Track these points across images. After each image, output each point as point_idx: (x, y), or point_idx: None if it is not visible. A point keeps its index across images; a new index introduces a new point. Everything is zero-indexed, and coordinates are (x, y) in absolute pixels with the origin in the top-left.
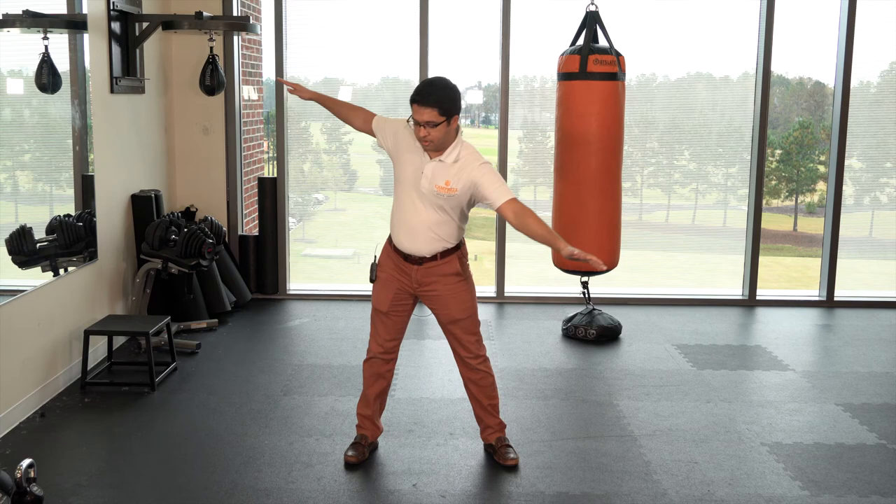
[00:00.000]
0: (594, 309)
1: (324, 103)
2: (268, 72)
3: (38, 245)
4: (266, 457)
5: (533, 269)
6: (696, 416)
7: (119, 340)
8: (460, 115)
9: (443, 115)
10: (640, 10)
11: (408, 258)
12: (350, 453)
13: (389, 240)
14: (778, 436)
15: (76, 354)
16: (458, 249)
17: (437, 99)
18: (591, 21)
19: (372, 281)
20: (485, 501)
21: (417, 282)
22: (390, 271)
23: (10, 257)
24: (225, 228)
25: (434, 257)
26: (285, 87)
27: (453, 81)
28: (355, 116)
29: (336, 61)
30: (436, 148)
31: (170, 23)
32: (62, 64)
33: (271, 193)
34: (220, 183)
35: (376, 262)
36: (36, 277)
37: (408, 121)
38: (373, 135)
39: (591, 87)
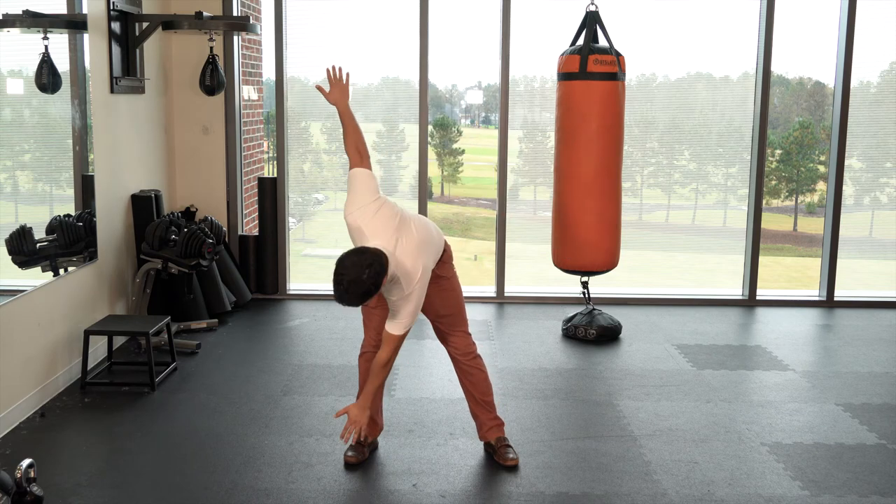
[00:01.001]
0: (594, 309)
1: (345, 122)
2: (268, 72)
3: (38, 245)
4: (266, 457)
5: (533, 269)
6: (696, 416)
7: (119, 340)
8: (386, 264)
9: (369, 299)
10: (640, 10)
11: None
12: (350, 453)
13: None
14: (778, 436)
15: (76, 354)
16: (440, 259)
17: (360, 301)
18: (591, 21)
19: None
20: (485, 501)
21: None
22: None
23: (10, 257)
24: (225, 228)
25: None
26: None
27: (362, 252)
28: (350, 138)
29: (336, 61)
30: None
31: (170, 23)
32: (62, 64)
33: (271, 193)
34: (220, 183)
35: None
36: (36, 277)
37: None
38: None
39: (591, 87)
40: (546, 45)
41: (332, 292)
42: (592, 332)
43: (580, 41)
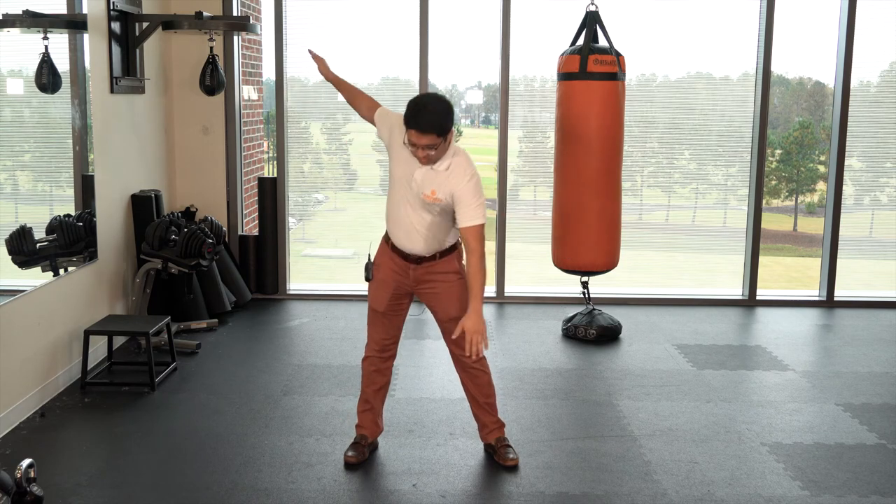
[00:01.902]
0: (594, 309)
1: (338, 86)
2: (268, 72)
3: (38, 245)
4: (266, 457)
5: (533, 269)
6: (696, 416)
7: (119, 340)
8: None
9: (441, 135)
10: (640, 10)
11: (406, 257)
12: (350, 453)
13: (386, 238)
14: (778, 436)
15: (76, 354)
16: (456, 249)
17: (434, 124)
18: (591, 21)
19: (368, 280)
20: (485, 501)
21: (416, 280)
22: (388, 271)
23: (10, 257)
24: (225, 228)
25: (433, 257)
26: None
27: (439, 94)
28: (361, 103)
29: (336, 61)
30: (434, 161)
31: (170, 23)
32: (62, 64)
33: (271, 193)
34: (220, 183)
35: (371, 261)
36: (36, 277)
37: (403, 142)
38: (372, 123)
39: (591, 87)
40: (546, 45)
41: (332, 292)
42: (592, 332)
43: (580, 41)
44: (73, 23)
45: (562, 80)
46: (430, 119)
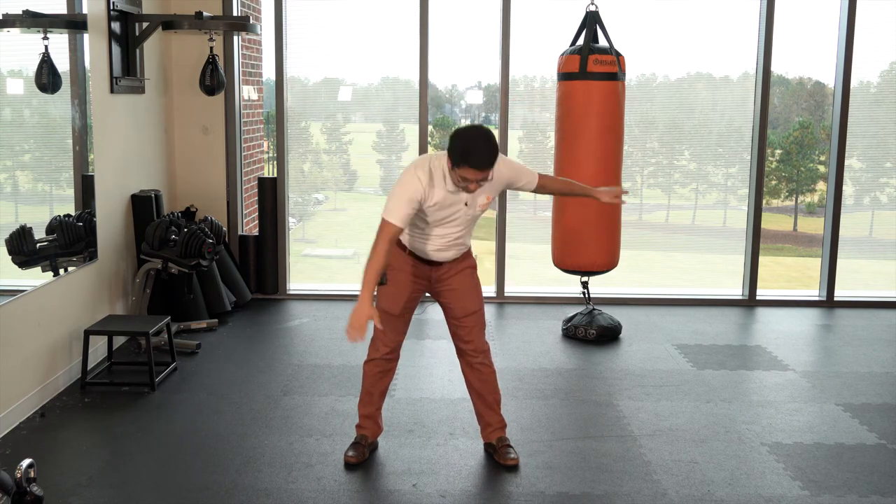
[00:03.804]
0: (594, 309)
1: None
2: (268, 72)
3: (38, 245)
4: (266, 457)
5: (533, 269)
6: (696, 416)
7: (119, 340)
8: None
9: (495, 157)
10: (640, 10)
11: (431, 263)
12: (350, 453)
13: (402, 247)
14: (778, 436)
15: (76, 354)
16: (468, 245)
17: (493, 160)
18: (591, 21)
19: (382, 284)
20: (485, 501)
21: (436, 280)
22: (406, 275)
23: (10, 257)
24: (225, 228)
25: (456, 258)
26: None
27: (478, 125)
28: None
29: (336, 61)
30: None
31: (170, 23)
32: (62, 64)
33: (271, 193)
34: (220, 183)
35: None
36: (36, 277)
37: (450, 188)
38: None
39: (591, 87)
40: (546, 45)
41: (332, 292)
42: (592, 332)
43: (580, 41)
44: (73, 23)
45: (562, 80)
46: (489, 157)
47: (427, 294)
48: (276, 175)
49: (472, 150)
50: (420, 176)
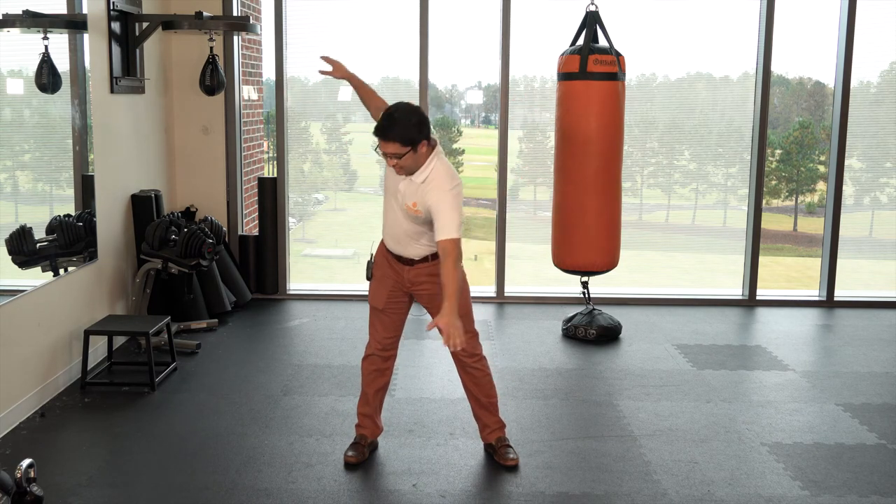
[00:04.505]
0: (594, 309)
1: (356, 85)
2: (268, 72)
3: (38, 245)
4: (266, 457)
5: (533, 269)
6: (696, 416)
7: (119, 340)
8: (429, 136)
9: (406, 145)
10: (640, 10)
11: (399, 259)
12: (350, 453)
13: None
14: (778, 436)
15: (76, 354)
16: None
17: (397, 133)
18: (591, 21)
19: (368, 279)
20: (485, 501)
21: (410, 281)
22: (385, 269)
23: (10, 257)
24: (225, 228)
25: (424, 259)
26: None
27: (415, 105)
28: (372, 104)
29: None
30: (408, 172)
31: (170, 23)
32: (62, 64)
33: (271, 193)
34: (220, 183)
35: (372, 259)
36: (36, 277)
37: (375, 149)
38: None
39: (591, 87)
40: (546, 45)
41: (332, 292)
42: (592, 332)
43: (580, 41)
44: (73, 23)
45: (562, 80)
46: (393, 127)
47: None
48: (276, 175)
49: (384, 121)
50: None
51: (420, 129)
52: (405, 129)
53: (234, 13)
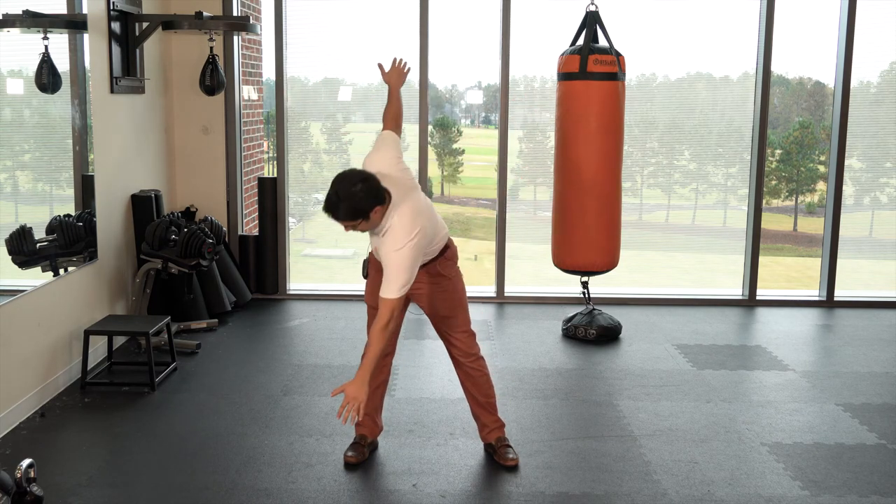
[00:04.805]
0: (594, 309)
1: (392, 99)
2: (268, 72)
3: (38, 245)
4: (266, 457)
5: (533, 269)
6: (696, 416)
7: (119, 340)
8: (381, 198)
9: (357, 218)
10: (640, 10)
11: None
12: (350, 453)
13: None
14: (778, 436)
15: (76, 354)
16: (442, 255)
17: (344, 212)
18: (591, 21)
19: (365, 277)
20: (485, 501)
21: None
22: (379, 268)
23: (10, 257)
24: (225, 228)
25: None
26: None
27: (359, 173)
28: (388, 118)
29: (336, 61)
30: (370, 230)
31: (170, 23)
32: (62, 64)
33: (271, 193)
34: (220, 183)
35: (369, 258)
36: (36, 277)
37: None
38: None
39: (591, 87)
40: (546, 45)
41: (332, 292)
42: (592, 332)
43: (580, 41)
44: (73, 23)
45: (562, 80)
46: (339, 207)
47: None
48: (276, 175)
49: (331, 205)
50: None
51: (367, 199)
52: (350, 207)
53: (234, 13)
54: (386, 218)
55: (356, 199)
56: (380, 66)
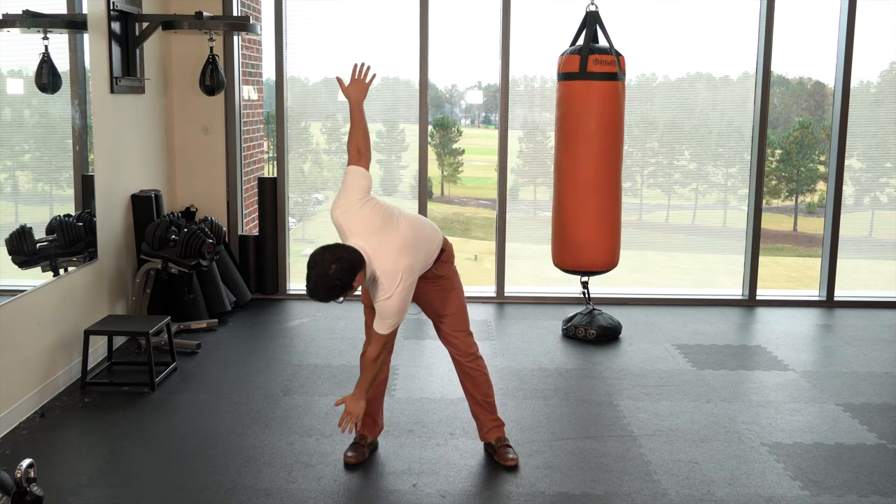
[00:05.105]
0: (594, 309)
1: (355, 122)
2: (268, 72)
3: (38, 245)
4: (266, 457)
5: (533, 269)
6: (696, 416)
7: (119, 340)
8: (358, 268)
9: (341, 294)
10: (640, 10)
11: None
12: (350, 454)
13: None
14: (778, 436)
15: (76, 354)
16: (438, 259)
17: (326, 297)
18: (591, 21)
19: None
20: (485, 501)
21: None
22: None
23: (10, 257)
24: (225, 228)
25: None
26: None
27: (331, 252)
28: (352, 150)
29: (336, 61)
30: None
31: (170, 23)
32: (62, 64)
33: (271, 193)
34: (220, 183)
35: None
36: (36, 277)
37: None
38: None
39: (591, 87)
40: (546, 45)
41: None
42: (592, 332)
43: (580, 41)
44: (73, 23)
45: (562, 80)
46: (319, 294)
47: None
48: (276, 175)
49: (313, 292)
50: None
51: (345, 277)
52: (332, 288)
53: (234, 13)
54: (370, 271)
55: (334, 280)
56: (338, 79)
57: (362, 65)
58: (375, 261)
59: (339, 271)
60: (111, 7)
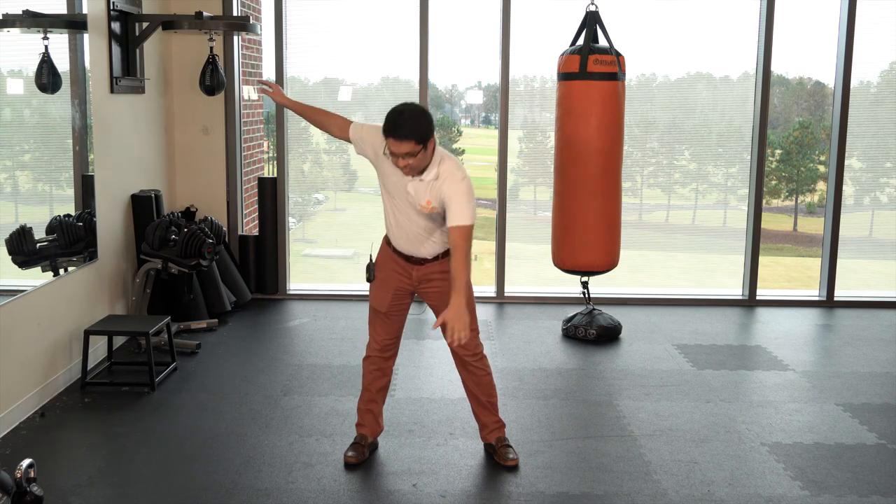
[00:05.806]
0: (594, 309)
1: (300, 112)
2: (268, 72)
3: (38, 245)
4: (266, 457)
5: (533, 269)
6: (696, 416)
7: (119, 340)
8: (434, 133)
9: (419, 143)
10: (640, 10)
11: (409, 259)
12: (350, 453)
13: (387, 240)
14: (778, 436)
15: (76, 354)
16: (447, 253)
17: (411, 130)
18: (591, 21)
19: (369, 281)
20: (485, 501)
21: (418, 280)
22: (390, 272)
23: (10, 257)
24: (225, 228)
25: (436, 258)
26: (263, 88)
27: (419, 105)
28: (332, 124)
29: (336, 61)
30: (416, 172)
31: (170, 23)
32: (62, 64)
33: (271, 193)
34: (220, 183)
35: (373, 262)
36: (36, 277)
37: (384, 153)
38: (349, 142)
39: (591, 87)
40: (546, 45)
41: (332, 292)
42: (592, 332)
43: (580, 41)
44: (73, 23)
45: (562, 80)
46: (407, 125)
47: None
48: (276, 175)
49: (395, 121)
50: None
51: (430, 125)
52: (417, 127)
53: (234, 13)
54: (434, 161)
55: (422, 121)
56: (262, 90)
57: (259, 83)
58: (440, 157)
59: (426, 111)
60: (111, 7)
